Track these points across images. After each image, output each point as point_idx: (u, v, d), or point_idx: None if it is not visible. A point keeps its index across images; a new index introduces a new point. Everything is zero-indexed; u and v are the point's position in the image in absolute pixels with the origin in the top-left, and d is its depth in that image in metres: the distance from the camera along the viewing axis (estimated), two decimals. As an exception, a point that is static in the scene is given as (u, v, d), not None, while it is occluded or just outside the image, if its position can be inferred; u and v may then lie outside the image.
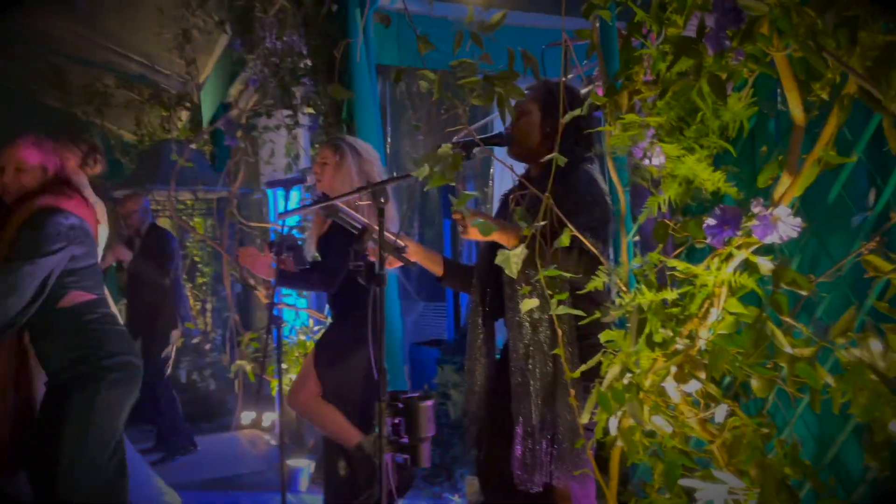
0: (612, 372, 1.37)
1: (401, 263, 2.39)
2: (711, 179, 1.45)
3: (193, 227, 6.04)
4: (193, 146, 4.05)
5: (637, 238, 2.64)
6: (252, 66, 3.55)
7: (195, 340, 4.53)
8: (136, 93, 7.61)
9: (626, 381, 1.35)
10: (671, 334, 1.31)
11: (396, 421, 2.00)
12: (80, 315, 2.42)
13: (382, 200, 2.00)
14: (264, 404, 5.55)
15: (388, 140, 5.73)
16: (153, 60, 7.13)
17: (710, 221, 1.34)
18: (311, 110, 3.94)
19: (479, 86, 1.52)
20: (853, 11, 0.96)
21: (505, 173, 5.68)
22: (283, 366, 4.15)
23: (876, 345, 1.06)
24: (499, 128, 5.50)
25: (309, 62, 3.94)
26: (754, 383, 1.37)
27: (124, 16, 6.23)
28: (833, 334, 1.12)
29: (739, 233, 1.33)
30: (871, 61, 1.01)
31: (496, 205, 2.33)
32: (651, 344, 1.31)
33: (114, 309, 2.59)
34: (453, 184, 1.61)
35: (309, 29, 3.81)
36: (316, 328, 4.16)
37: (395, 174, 5.69)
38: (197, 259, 6.55)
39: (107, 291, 2.61)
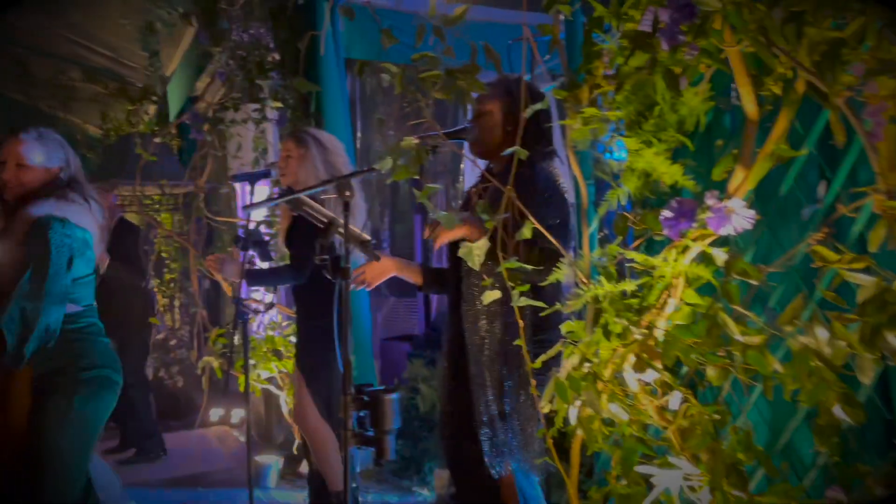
0: (570, 361, 1.39)
1: (383, 279, 2.42)
2: (669, 172, 1.48)
3: (161, 223, 5.97)
4: (157, 140, 3.99)
5: (606, 232, 2.68)
6: (218, 60, 3.51)
7: (160, 336, 4.49)
8: (102, 86, 7.48)
9: (584, 370, 1.38)
10: (626, 324, 1.33)
11: (362, 414, 2.01)
12: (69, 323, 2.33)
13: (347, 194, 2.00)
14: (233, 401, 5.52)
15: (359, 134, 5.71)
16: (119, 53, 7.01)
17: (667, 214, 1.37)
18: (278, 104, 3.91)
19: (441, 79, 1.53)
20: (800, 7, 0.99)
21: (475, 169, 5.71)
22: (252, 361, 4.13)
23: (822, 332, 1.09)
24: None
25: (277, 56, 3.91)
26: (710, 372, 1.40)
27: (89, 8, 6.12)
28: (780, 322, 1.15)
29: (695, 225, 1.35)
30: (819, 56, 1.03)
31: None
32: (606, 333, 1.33)
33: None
34: (417, 177, 1.62)
35: (276, 22, 3.78)
36: (285, 324, 4.14)
37: (363, 168, 5.69)
38: (165, 255, 6.47)
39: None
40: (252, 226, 3.21)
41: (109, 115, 7.53)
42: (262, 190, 3.96)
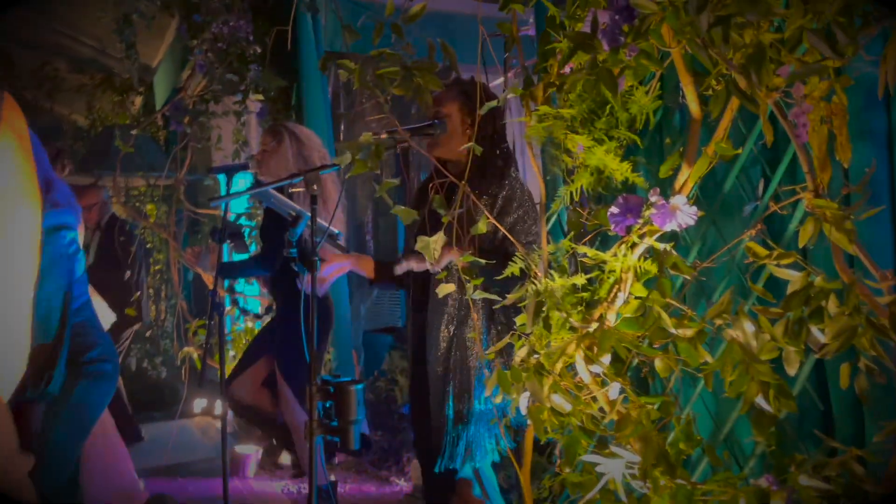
0: (520, 353, 1.43)
1: (342, 272, 2.44)
2: (620, 169, 1.51)
3: (146, 215, 5.97)
4: (135, 132, 4.00)
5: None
6: (198, 52, 3.52)
7: (136, 327, 4.50)
8: (88, 77, 7.46)
9: (532, 361, 1.41)
10: (565, 316, 1.37)
11: (328, 405, 2.04)
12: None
13: (314, 187, 2.03)
14: (215, 391, 5.55)
15: (342, 127, 5.73)
16: (104, 44, 6.99)
17: (613, 210, 1.40)
18: (259, 97, 3.93)
19: (399, 75, 1.56)
20: (726, 11, 1.02)
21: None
22: (232, 353, 4.17)
23: (748, 326, 1.13)
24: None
25: (257, 48, 3.92)
26: (657, 364, 1.44)
27: (74, -1, 6.10)
28: (710, 316, 1.19)
29: (640, 221, 1.39)
30: (744, 58, 1.07)
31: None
32: (547, 326, 1.37)
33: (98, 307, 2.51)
34: (377, 171, 1.65)
35: (256, 14, 3.79)
36: (264, 315, 4.17)
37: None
38: (149, 246, 6.48)
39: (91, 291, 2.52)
40: (231, 218, 3.24)
41: (95, 106, 7.52)
42: (242, 183, 3.98)
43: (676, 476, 1.19)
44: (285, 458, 4.13)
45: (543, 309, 1.36)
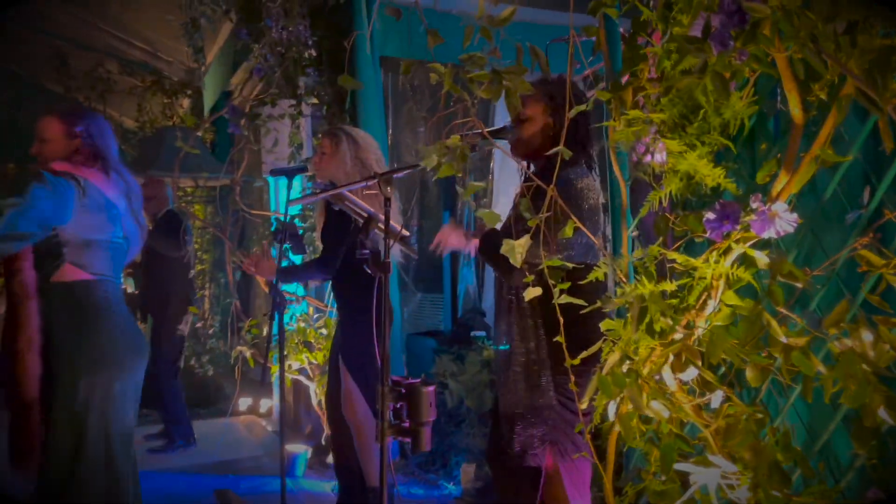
0: (611, 359, 1.42)
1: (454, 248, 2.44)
2: (712, 175, 1.50)
3: (195, 215, 6.07)
4: (200, 133, 4.06)
5: (636, 233, 2.70)
6: (257, 55, 3.57)
7: (196, 325, 4.60)
8: (139, 79, 7.62)
9: (624, 367, 1.40)
10: (671, 323, 1.35)
11: (398, 405, 2.05)
12: (72, 294, 2.33)
13: (389, 189, 2.05)
14: (260, 390, 5.61)
15: (390, 132, 5.76)
16: (155, 47, 7.14)
17: (710, 216, 1.39)
18: (315, 100, 3.97)
19: (488, 79, 1.56)
20: (853, 16, 1.01)
21: (504, 168, 5.71)
22: (284, 352, 4.20)
23: (867, 335, 1.11)
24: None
25: (313, 52, 3.96)
26: (749, 373, 1.42)
27: (129, 2, 6.24)
28: (826, 325, 1.17)
29: (738, 227, 1.37)
30: (869, 64, 1.05)
31: (495, 198, 2.38)
32: (651, 332, 1.36)
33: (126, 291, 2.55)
34: (460, 174, 1.65)
35: (315, 19, 3.83)
36: (315, 316, 4.20)
37: (395, 165, 5.73)
38: (196, 246, 6.59)
39: (121, 277, 2.54)
40: (287, 219, 3.28)
41: (145, 108, 7.68)
42: (298, 185, 4.02)
43: (790, 487, 1.17)
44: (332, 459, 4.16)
45: (647, 314, 1.34)
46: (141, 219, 2.58)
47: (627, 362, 1.40)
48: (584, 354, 1.51)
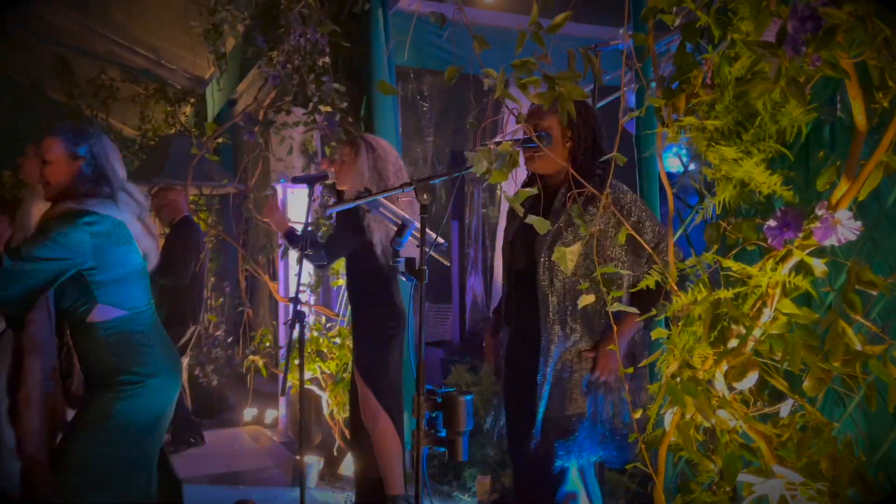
0: (670, 368, 1.40)
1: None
2: (768, 182, 1.49)
3: (204, 222, 6.01)
4: (220, 140, 4.04)
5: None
6: (275, 63, 3.56)
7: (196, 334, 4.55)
8: (142, 87, 7.58)
9: (684, 376, 1.39)
10: (744, 331, 1.34)
11: (434, 415, 2.02)
12: (110, 332, 2.28)
13: (426, 197, 2.03)
14: (266, 400, 5.56)
15: (399, 140, 5.75)
16: (158, 54, 7.12)
17: (771, 223, 1.38)
18: (328, 109, 3.96)
19: (540, 85, 1.55)
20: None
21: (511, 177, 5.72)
22: (295, 361, 4.16)
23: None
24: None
25: (328, 60, 3.95)
26: (808, 382, 1.40)
27: (131, 8, 6.22)
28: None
29: (800, 235, 1.36)
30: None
31: (504, 206, 2.39)
32: (723, 340, 1.34)
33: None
34: (504, 181, 1.64)
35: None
36: (328, 325, 4.17)
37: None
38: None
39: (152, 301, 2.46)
40: (304, 228, 3.26)
41: (147, 116, 7.64)
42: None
43: (874, 497, 1.16)
44: (346, 468, 4.12)
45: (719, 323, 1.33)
46: (153, 230, 2.52)
47: (687, 371, 1.39)
48: (645, 362, 1.50)
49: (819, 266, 1.42)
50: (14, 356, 2.33)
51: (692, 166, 1.66)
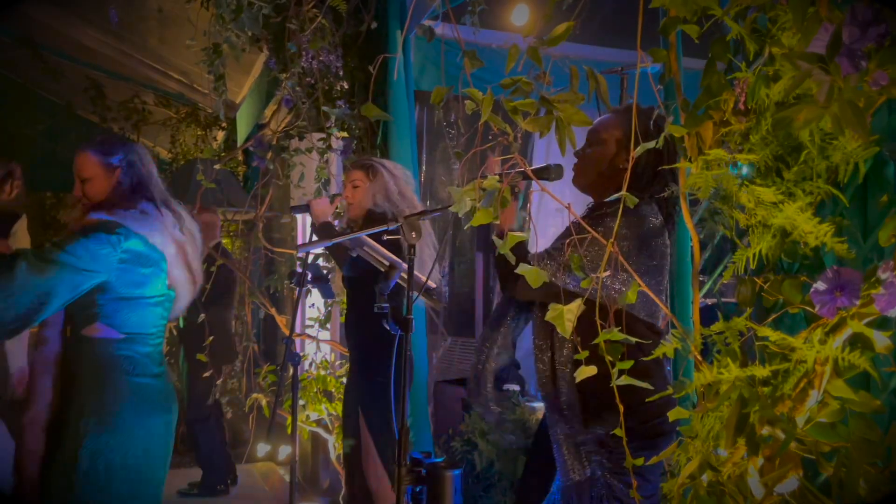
0: (689, 467, 1.11)
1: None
2: (815, 232, 1.19)
3: (225, 251, 5.87)
4: (218, 166, 3.87)
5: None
6: (286, 86, 3.38)
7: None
8: (174, 111, 7.57)
9: (708, 480, 1.09)
10: (773, 429, 1.04)
11: (418, 489, 1.75)
12: (94, 350, 2.12)
13: (413, 235, 1.78)
14: (280, 436, 5.33)
15: (423, 168, 5.53)
16: (191, 78, 7.09)
17: (820, 286, 1.08)
18: (344, 134, 3.76)
19: (535, 109, 1.29)
20: None
21: (542, 208, 5.42)
22: (301, 402, 3.92)
23: None
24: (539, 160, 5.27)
25: (345, 84, 3.76)
26: (863, 485, 1.10)
27: (165, 33, 6.19)
28: None
29: (857, 303, 1.07)
30: None
31: (531, 240, 2.08)
32: (754, 445, 1.04)
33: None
34: (496, 221, 1.37)
35: (346, 50, 3.63)
36: (337, 363, 3.93)
37: (428, 203, 5.48)
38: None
39: (162, 330, 2.27)
40: (310, 260, 3.03)
41: (178, 140, 7.61)
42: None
43: None
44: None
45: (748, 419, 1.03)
46: (195, 269, 2.30)
47: (711, 473, 1.09)
48: (654, 460, 1.20)
49: (881, 340, 1.12)
50: (30, 376, 2.24)
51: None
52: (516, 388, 4.33)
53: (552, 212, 5.08)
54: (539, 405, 4.10)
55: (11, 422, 2.60)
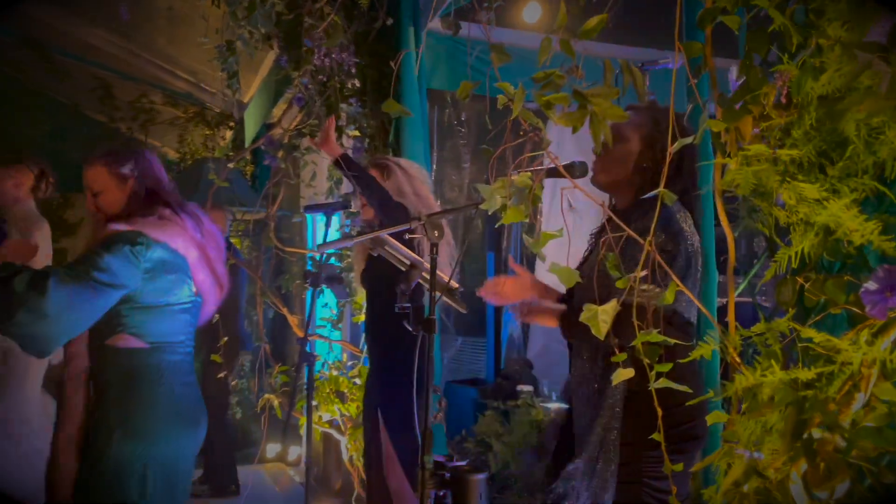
0: (733, 473, 1.07)
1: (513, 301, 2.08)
2: (861, 230, 1.15)
3: (236, 250, 5.85)
4: (231, 165, 3.84)
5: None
6: (297, 84, 3.34)
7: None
8: (182, 110, 7.54)
9: (752, 487, 1.05)
10: (832, 435, 1.00)
11: (441, 493, 1.72)
12: (121, 361, 2.07)
13: (436, 234, 1.74)
14: (291, 437, 5.30)
15: (434, 167, 5.50)
16: (199, 78, 7.06)
17: (871, 286, 1.05)
18: (356, 132, 3.72)
19: (568, 103, 1.25)
20: None
21: (554, 204, 5.37)
22: (313, 402, 3.89)
23: None
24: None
25: (357, 82, 3.73)
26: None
27: (174, 32, 6.17)
28: None
29: (909, 302, 1.03)
30: None
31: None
32: (811, 453, 1.00)
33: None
34: (527, 220, 1.34)
35: (359, 47, 3.60)
36: (349, 363, 3.90)
37: (439, 203, 5.45)
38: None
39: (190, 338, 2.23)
40: (323, 259, 3.00)
41: (186, 140, 7.59)
42: (335, 221, 3.75)
43: None
44: (366, 519, 3.81)
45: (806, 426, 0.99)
46: (219, 272, 2.25)
47: (756, 480, 1.05)
48: (696, 467, 1.17)
49: (931, 342, 1.08)
50: (59, 395, 2.13)
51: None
52: (530, 388, 4.30)
53: (564, 211, 5.04)
54: (553, 405, 4.07)
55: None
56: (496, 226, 1.29)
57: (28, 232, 3.09)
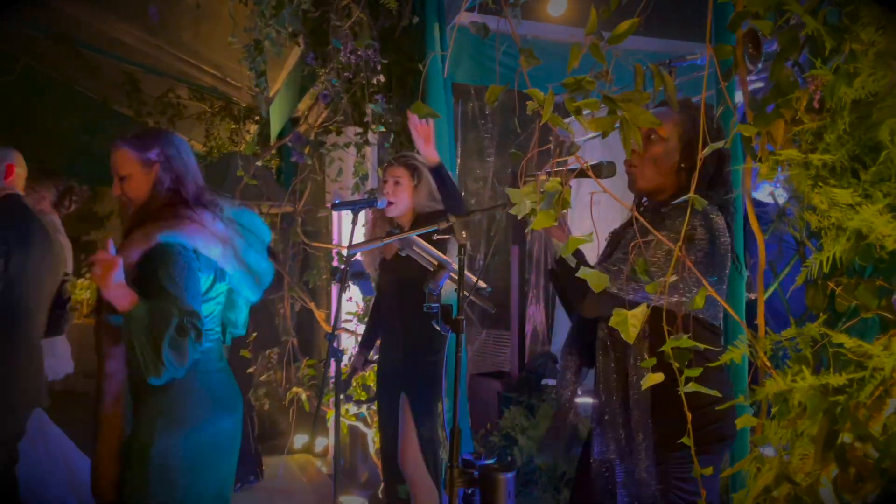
0: (764, 479, 1.08)
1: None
2: (894, 235, 1.15)
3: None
4: (259, 163, 3.88)
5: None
6: (324, 81, 3.36)
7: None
8: (208, 105, 7.62)
9: (783, 493, 1.06)
10: (864, 446, 1.00)
11: (470, 491, 1.74)
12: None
13: (464, 235, 1.76)
14: (318, 429, 5.36)
15: (458, 161, 5.51)
16: (225, 73, 7.13)
17: (905, 292, 1.04)
18: (382, 128, 3.74)
19: (598, 108, 1.26)
20: None
21: (578, 203, 5.35)
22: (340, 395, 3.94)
23: None
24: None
25: (381, 78, 3.74)
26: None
27: (200, 28, 6.23)
28: None
29: (944, 309, 1.02)
30: None
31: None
32: (844, 462, 1.01)
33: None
34: (556, 224, 1.34)
35: (385, 44, 3.62)
36: (375, 357, 3.93)
37: (462, 195, 5.46)
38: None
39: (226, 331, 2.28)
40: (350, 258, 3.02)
41: (213, 134, 7.66)
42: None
43: None
44: (390, 511, 3.86)
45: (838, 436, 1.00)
46: (249, 262, 2.24)
47: (787, 486, 1.06)
48: (726, 473, 1.17)
49: (966, 348, 1.07)
50: (95, 406, 2.11)
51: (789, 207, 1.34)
52: (554, 382, 4.31)
53: (584, 205, 5.02)
54: (578, 399, 4.07)
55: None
56: (519, 217, 1.29)
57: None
